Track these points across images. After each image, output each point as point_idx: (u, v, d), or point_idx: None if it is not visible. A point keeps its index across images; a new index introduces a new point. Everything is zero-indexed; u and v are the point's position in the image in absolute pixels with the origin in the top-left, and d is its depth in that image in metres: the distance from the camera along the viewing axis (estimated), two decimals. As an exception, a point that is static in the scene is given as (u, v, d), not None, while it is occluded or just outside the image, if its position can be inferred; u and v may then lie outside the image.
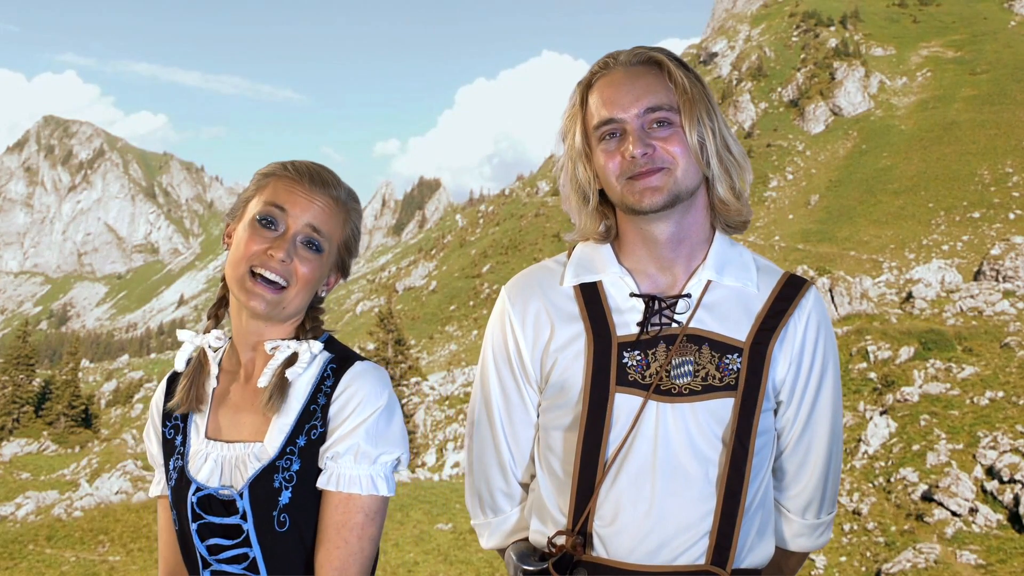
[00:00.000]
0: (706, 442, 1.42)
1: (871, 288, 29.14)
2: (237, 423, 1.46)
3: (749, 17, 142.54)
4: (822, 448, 1.51)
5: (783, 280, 1.51)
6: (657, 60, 1.45)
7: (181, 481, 1.44)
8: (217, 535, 1.40)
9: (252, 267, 1.40)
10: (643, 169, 1.41)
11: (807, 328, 1.48)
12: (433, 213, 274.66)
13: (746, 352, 1.43)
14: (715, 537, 1.41)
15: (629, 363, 1.44)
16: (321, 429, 1.41)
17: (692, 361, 1.43)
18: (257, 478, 1.39)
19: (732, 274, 1.49)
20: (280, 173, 1.46)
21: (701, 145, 1.43)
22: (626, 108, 1.42)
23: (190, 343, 1.52)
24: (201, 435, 1.47)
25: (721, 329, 1.45)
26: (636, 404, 1.43)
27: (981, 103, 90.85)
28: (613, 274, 1.50)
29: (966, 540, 16.38)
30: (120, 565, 18.19)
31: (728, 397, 1.42)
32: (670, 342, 1.44)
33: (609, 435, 1.43)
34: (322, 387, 1.44)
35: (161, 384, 1.59)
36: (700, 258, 1.49)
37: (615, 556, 1.43)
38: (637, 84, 1.43)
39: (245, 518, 1.39)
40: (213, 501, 1.41)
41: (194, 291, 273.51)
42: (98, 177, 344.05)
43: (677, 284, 1.48)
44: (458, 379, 45.57)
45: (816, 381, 1.49)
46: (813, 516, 1.56)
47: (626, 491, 1.42)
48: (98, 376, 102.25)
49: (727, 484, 1.42)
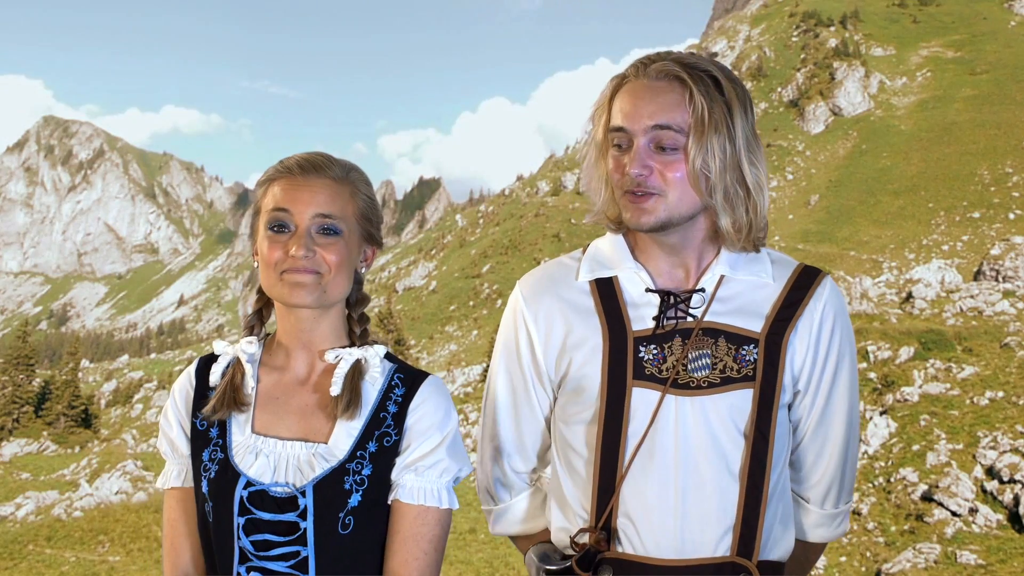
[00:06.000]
0: (726, 434, 1.42)
1: (871, 288, 29.15)
2: (289, 422, 1.46)
3: (749, 17, 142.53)
4: (839, 437, 1.51)
5: (798, 271, 1.51)
6: (682, 78, 1.40)
7: (225, 474, 1.42)
8: (265, 531, 1.39)
9: (281, 272, 1.41)
10: (636, 190, 1.40)
11: (823, 317, 1.47)
12: (433, 213, 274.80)
13: (762, 343, 1.44)
14: (739, 529, 1.41)
15: (646, 357, 1.44)
16: (396, 438, 1.44)
17: (709, 354, 1.43)
18: (325, 478, 1.40)
19: (745, 268, 1.48)
20: (274, 176, 1.46)
21: (705, 175, 1.39)
22: (637, 121, 1.40)
23: (226, 354, 1.51)
24: (247, 430, 1.45)
25: (736, 321, 1.45)
26: (654, 398, 1.43)
27: (981, 103, 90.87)
28: (628, 269, 1.50)
29: (966, 540, 16.38)
30: (120, 565, 18.18)
31: (747, 388, 1.42)
32: (686, 336, 1.44)
33: (628, 430, 1.44)
34: (391, 395, 1.46)
35: (186, 374, 1.55)
36: (713, 254, 1.49)
37: (639, 551, 1.43)
38: (654, 100, 1.39)
39: (304, 516, 1.39)
40: (265, 497, 1.40)
41: (194, 291, 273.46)
42: (98, 177, 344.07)
43: (691, 279, 1.48)
44: (458, 379, 45.54)
45: (832, 370, 1.48)
46: (832, 506, 1.56)
47: (648, 486, 1.43)
48: (98, 376, 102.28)
49: (749, 476, 1.42)
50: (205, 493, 1.44)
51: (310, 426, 1.45)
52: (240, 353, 1.49)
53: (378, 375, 1.47)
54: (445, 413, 1.46)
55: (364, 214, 1.50)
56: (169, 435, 1.52)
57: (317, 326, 1.48)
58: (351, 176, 1.49)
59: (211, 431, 1.47)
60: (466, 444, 37.73)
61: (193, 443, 1.48)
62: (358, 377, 1.46)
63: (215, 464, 1.44)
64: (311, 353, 1.49)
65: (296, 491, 1.39)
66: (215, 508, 1.42)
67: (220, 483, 1.42)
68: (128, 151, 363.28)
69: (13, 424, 51.54)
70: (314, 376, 1.48)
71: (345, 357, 1.46)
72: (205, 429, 1.47)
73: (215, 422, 1.47)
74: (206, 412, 1.45)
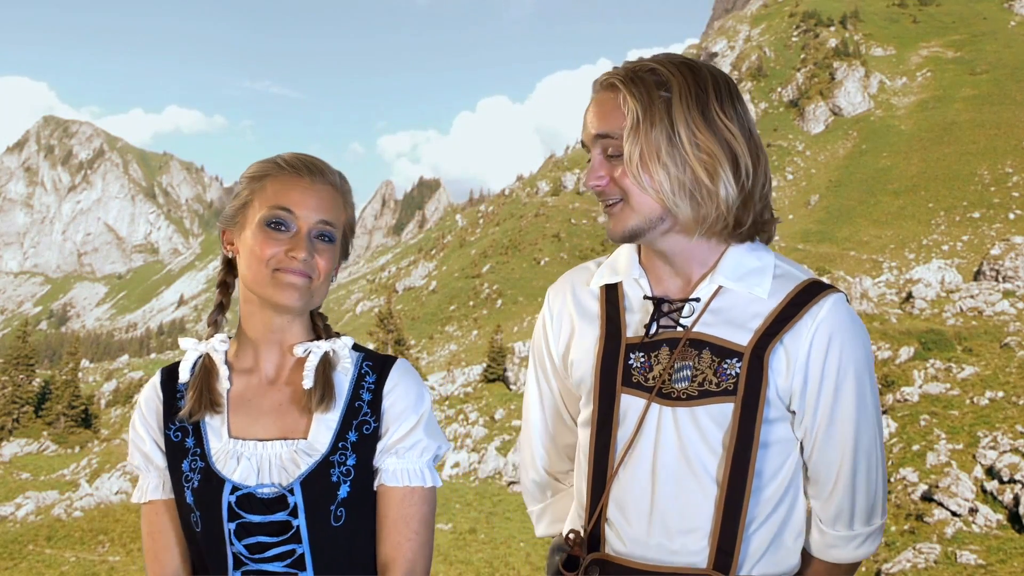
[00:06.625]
0: (706, 447, 1.42)
1: (871, 288, 29.17)
2: (264, 423, 1.46)
3: (749, 17, 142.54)
4: (847, 460, 1.46)
5: (800, 287, 1.45)
6: (616, 84, 1.40)
7: (210, 482, 1.42)
8: (256, 534, 1.40)
9: (274, 269, 1.41)
10: (601, 200, 1.42)
11: (815, 337, 1.41)
12: (433, 213, 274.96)
13: (746, 357, 1.41)
14: (716, 542, 1.41)
15: (634, 365, 1.46)
16: (375, 424, 1.46)
17: (690, 366, 1.43)
18: (311, 473, 1.41)
19: (744, 280, 1.45)
20: (276, 172, 1.45)
21: (647, 173, 1.37)
22: (588, 133, 1.43)
23: (194, 350, 1.50)
24: (224, 435, 1.45)
25: (724, 334, 1.43)
26: (641, 406, 1.45)
27: (981, 103, 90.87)
28: (632, 276, 1.52)
29: (966, 540, 16.38)
30: (120, 565, 18.19)
31: (727, 402, 1.41)
32: (673, 345, 1.44)
33: (617, 435, 1.46)
34: (363, 383, 1.48)
35: (150, 386, 1.53)
36: (713, 262, 1.48)
37: (621, 554, 1.46)
38: (597, 111, 1.42)
39: (295, 514, 1.40)
40: (252, 500, 1.40)
41: (194, 291, 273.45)
42: (98, 177, 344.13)
43: (688, 288, 1.48)
44: (458, 379, 45.52)
45: (831, 393, 1.42)
46: (844, 528, 1.51)
47: (630, 491, 1.45)
48: (98, 376, 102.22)
49: (728, 490, 1.41)
50: (191, 503, 1.43)
51: (286, 424, 1.45)
52: (212, 352, 1.49)
53: (349, 365, 1.48)
54: (417, 394, 1.48)
55: (350, 225, 1.52)
56: (143, 449, 1.50)
57: (291, 325, 1.48)
58: (344, 186, 1.50)
59: (186, 441, 1.45)
60: (466, 444, 37.53)
61: (169, 455, 1.46)
62: (329, 369, 1.46)
63: (196, 473, 1.43)
64: (280, 351, 1.49)
65: (284, 490, 1.40)
66: (203, 517, 1.41)
67: (205, 491, 1.42)
68: (128, 151, 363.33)
69: (13, 424, 51.55)
70: (284, 373, 1.48)
71: (314, 350, 1.47)
72: (180, 440, 1.46)
73: (189, 431, 1.46)
74: (183, 415, 1.44)
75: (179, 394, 1.48)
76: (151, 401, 1.51)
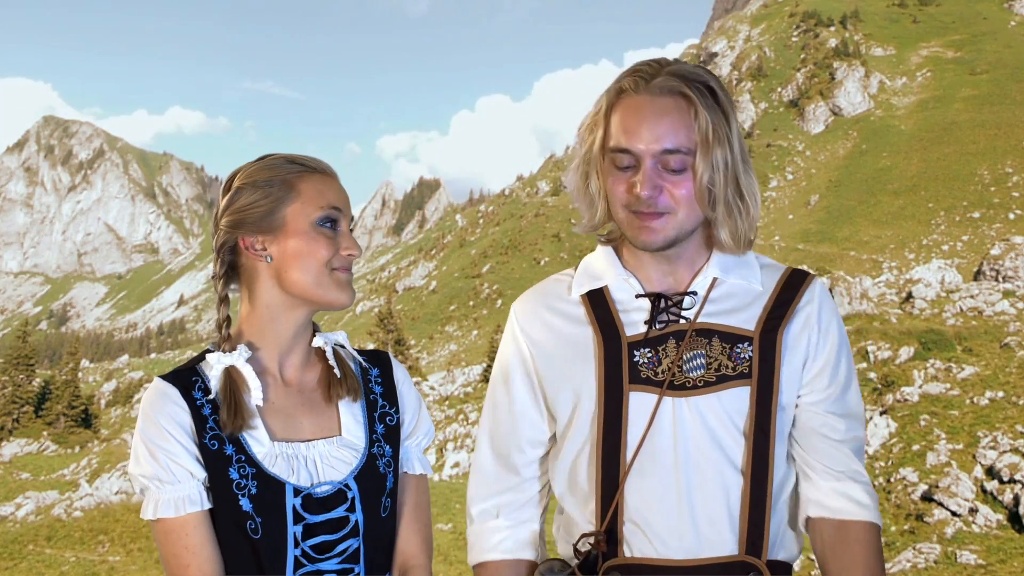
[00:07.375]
0: (726, 432, 1.42)
1: (871, 288, 29.16)
2: (297, 422, 1.46)
3: (749, 17, 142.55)
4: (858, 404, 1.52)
5: (787, 274, 1.53)
6: (686, 94, 1.38)
7: (268, 487, 1.39)
8: (320, 533, 1.41)
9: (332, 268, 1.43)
10: (646, 210, 1.39)
11: (820, 314, 1.49)
12: (433, 213, 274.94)
13: (756, 340, 1.44)
14: (746, 527, 1.41)
15: (640, 361, 1.45)
16: (397, 416, 1.52)
17: (704, 354, 1.44)
18: (363, 467, 1.45)
19: (736, 272, 1.50)
20: (305, 173, 1.45)
21: (710, 189, 1.40)
22: (644, 142, 1.38)
23: (220, 364, 1.45)
24: (265, 440, 1.43)
25: (729, 321, 1.46)
26: (651, 401, 1.43)
27: (981, 103, 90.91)
28: (618, 277, 1.51)
29: (966, 540, 16.39)
30: (120, 565, 18.20)
31: (744, 386, 1.43)
32: (680, 338, 1.45)
33: (627, 435, 1.44)
34: (368, 376, 1.53)
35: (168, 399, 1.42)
36: (704, 259, 1.50)
37: (648, 554, 1.43)
38: (661, 121, 1.37)
39: (352, 509, 1.42)
40: (311, 500, 1.41)
41: (194, 291, 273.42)
42: (98, 177, 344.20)
43: (682, 284, 1.49)
44: (458, 379, 45.55)
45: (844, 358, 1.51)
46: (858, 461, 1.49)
47: (651, 489, 1.43)
48: (98, 376, 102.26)
49: (753, 473, 1.42)
50: (248, 511, 1.38)
51: (318, 422, 1.47)
52: (240, 364, 1.45)
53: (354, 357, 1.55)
54: (411, 384, 1.57)
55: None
56: (180, 463, 1.39)
57: (310, 324, 1.50)
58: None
59: (225, 449, 1.40)
60: (466, 444, 37.35)
61: (210, 465, 1.39)
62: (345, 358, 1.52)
63: (251, 480, 1.39)
64: (292, 353, 1.49)
65: (340, 484, 1.42)
66: (264, 523, 1.38)
67: (265, 497, 1.39)
68: (128, 151, 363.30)
69: (13, 424, 51.55)
70: (297, 373, 1.49)
71: (330, 341, 1.51)
72: (218, 448, 1.40)
73: (225, 440, 1.41)
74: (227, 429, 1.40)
75: (199, 403, 1.43)
76: (177, 415, 1.41)
